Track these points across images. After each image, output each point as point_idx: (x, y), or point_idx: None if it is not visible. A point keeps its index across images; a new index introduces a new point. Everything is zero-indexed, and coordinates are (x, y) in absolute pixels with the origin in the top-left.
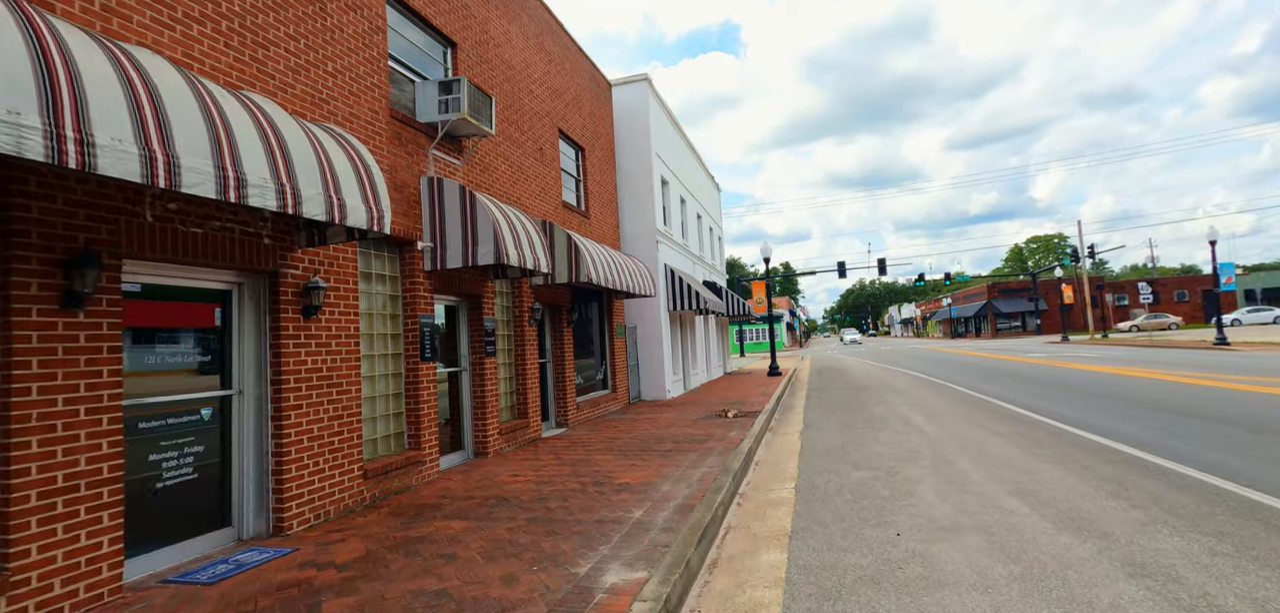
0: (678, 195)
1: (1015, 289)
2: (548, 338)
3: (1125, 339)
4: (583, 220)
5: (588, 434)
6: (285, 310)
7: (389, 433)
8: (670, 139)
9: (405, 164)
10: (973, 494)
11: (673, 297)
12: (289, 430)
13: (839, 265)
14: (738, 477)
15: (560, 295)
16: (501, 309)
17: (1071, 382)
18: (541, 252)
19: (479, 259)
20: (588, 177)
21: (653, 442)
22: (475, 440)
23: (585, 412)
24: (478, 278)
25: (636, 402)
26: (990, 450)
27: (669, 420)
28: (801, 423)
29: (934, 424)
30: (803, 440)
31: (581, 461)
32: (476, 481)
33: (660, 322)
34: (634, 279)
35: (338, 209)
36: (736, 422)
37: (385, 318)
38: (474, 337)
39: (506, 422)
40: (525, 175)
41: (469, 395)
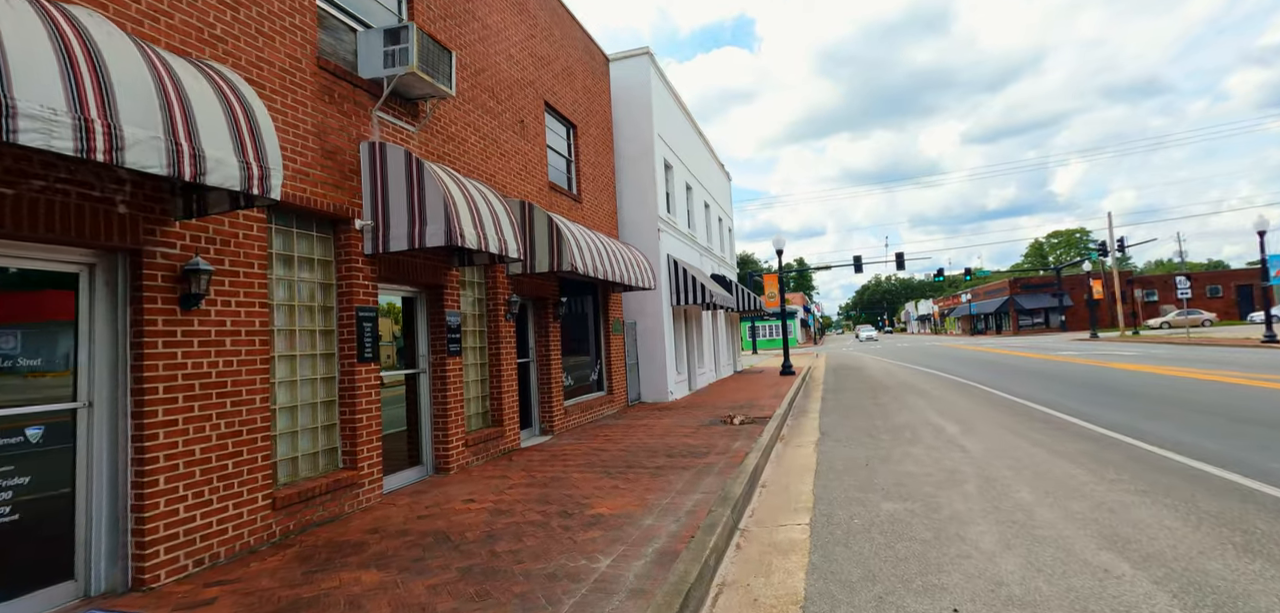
0: (683, 181)
1: (1038, 285)
2: (531, 334)
3: (1159, 336)
4: (574, 205)
5: (573, 444)
6: (153, 299)
7: (315, 450)
8: (675, 120)
9: (339, 126)
10: (1046, 542)
11: (676, 290)
12: (157, 453)
13: (855, 260)
14: (739, 506)
15: (545, 287)
16: (472, 302)
17: (1118, 384)
18: (511, 235)
19: (427, 240)
20: (580, 157)
21: (644, 455)
22: (436, 454)
23: (575, 417)
24: (437, 264)
25: (635, 405)
26: (1050, 473)
27: (667, 428)
28: (817, 432)
29: (972, 436)
30: (818, 455)
31: (555, 480)
32: (424, 507)
33: (662, 317)
34: (631, 270)
35: (189, 162)
36: (742, 430)
37: (313, 311)
38: (434, 333)
39: (476, 431)
40: (502, 150)
41: (428, 402)
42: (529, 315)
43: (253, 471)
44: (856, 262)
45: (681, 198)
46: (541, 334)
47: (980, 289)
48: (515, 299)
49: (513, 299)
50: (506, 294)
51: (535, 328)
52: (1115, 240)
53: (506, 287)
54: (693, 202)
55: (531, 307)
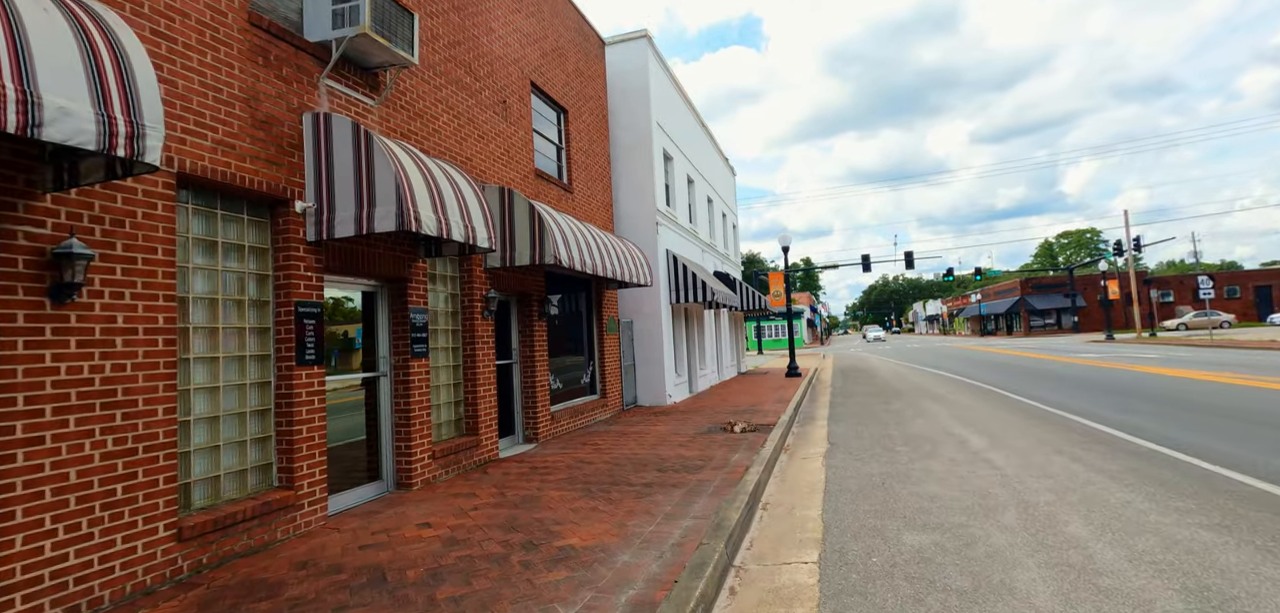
0: (684, 174)
1: (1050, 285)
2: (514, 334)
3: (1177, 338)
4: (564, 194)
5: (557, 454)
6: (10, 290)
7: (243, 467)
8: (675, 109)
9: (276, 93)
10: (1118, 598)
11: (676, 287)
12: (13, 480)
13: (863, 259)
14: (735, 536)
15: (529, 282)
16: (444, 298)
17: (1150, 389)
18: (481, 222)
19: (376, 224)
20: (571, 144)
21: (632, 469)
22: (397, 468)
23: (563, 423)
24: (400, 255)
25: (631, 409)
26: (1102, 499)
27: (661, 436)
28: (825, 442)
29: (1001, 450)
30: (828, 470)
31: (528, 500)
32: (371, 533)
33: (660, 316)
34: (625, 265)
35: (13, 109)
36: (744, 439)
37: (243, 305)
38: (397, 332)
39: (446, 441)
40: (480, 132)
41: (389, 409)
42: (512, 313)
43: (151, 495)
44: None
45: (682, 191)
46: (526, 334)
47: (990, 289)
48: (494, 295)
49: (491, 295)
50: (484, 290)
51: (519, 327)
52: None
53: (484, 281)
54: (695, 195)
55: (515, 304)
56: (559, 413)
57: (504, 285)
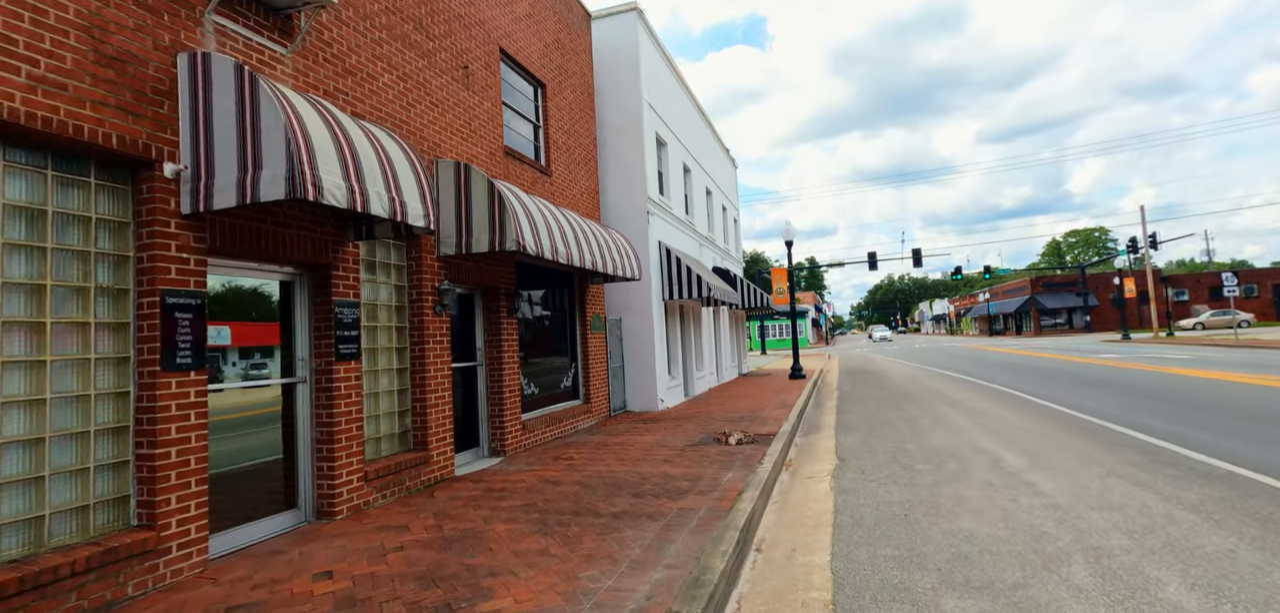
0: (679, 162)
1: (1061, 283)
2: (479, 333)
3: (1197, 337)
4: (540, 177)
5: (521, 472)
6: None
7: (85, 502)
8: (669, 91)
9: (136, 24)
10: None
11: (669, 282)
12: None
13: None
14: (718, 597)
15: (496, 273)
16: (389, 290)
17: (1194, 395)
18: (415, 196)
19: (260, 191)
20: (549, 123)
21: (603, 493)
22: (318, 493)
23: (538, 432)
24: (323, 236)
25: (618, 415)
26: (1200, 548)
27: (646, 448)
28: (833, 457)
29: (1044, 470)
30: (836, 495)
31: (467, 538)
32: (253, 586)
33: (651, 313)
34: (609, 256)
35: None
36: (739, 453)
37: (85, 295)
38: (320, 329)
39: (385, 459)
40: (433, 99)
41: (309, 422)
42: (477, 309)
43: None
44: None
45: (677, 180)
46: (492, 332)
47: (999, 288)
48: (449, 288)
49: (445, 287)
50: (436, 280)
51: (485, 325)
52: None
53: (437, 271)
54: (692, 185)
55: (480, 299)
56: (533, 422)
57: (465, 277)
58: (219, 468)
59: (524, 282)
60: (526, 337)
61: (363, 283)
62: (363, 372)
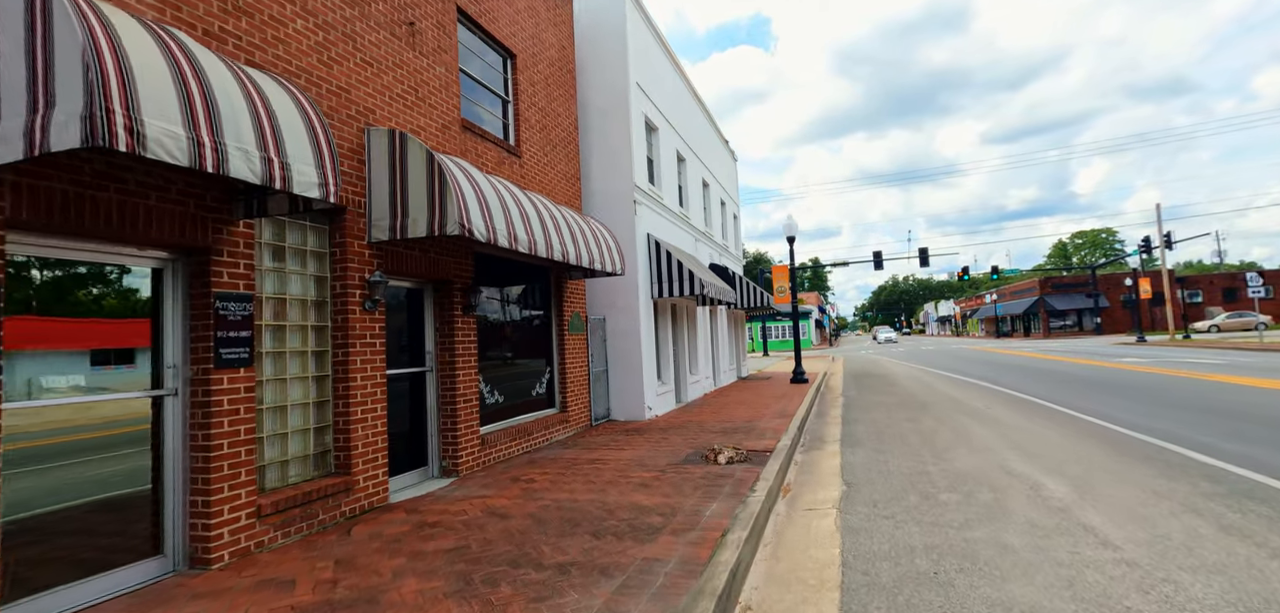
0: (672, 149)
1: (1070, 285)
2: (429, 333)
3: (1214, 340)
4: (507, 158)
5: (467, 500)
6: None
7: None
8: (661, 72)
9: None
10: None
11: (658, 278)
12: None
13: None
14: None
15: (449, 265)
16: (303, 281)
17: (1246, 407)
18: (308, 159)
19: (50, 138)
20: (520, 98)
21: (554, 534)
22: (190, 535)
23: (501, 447)
24: (199, 212)
25: (600, 424)
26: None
27: (622, 467)
28: (839, 481)
29: (1099, 505)
30: (844, 536)
31: (361, 602)
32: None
33: (638, 312)
34: (585, 247)
35: None
36: (729, 475)
37: None
38: (197, 329)
39: (292, 487)
40: (366, 56)
41: (179, 445)
42: (426, 307)
43: None
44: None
45: (670, 168)
46: (445, 333)
47: (1006, 289)
48: (381, 280)
49: (377, 280)
50: (366, 271)
51: (436, 324)
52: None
53: (368, 261)
54: (686, 176)
55: (430, 295)
56: (496, 435)
57: (410, 268)
58: (62, 502)
59: (487, 275)
60: (491, 338)
61: (265, 273)
62: (263, 381)
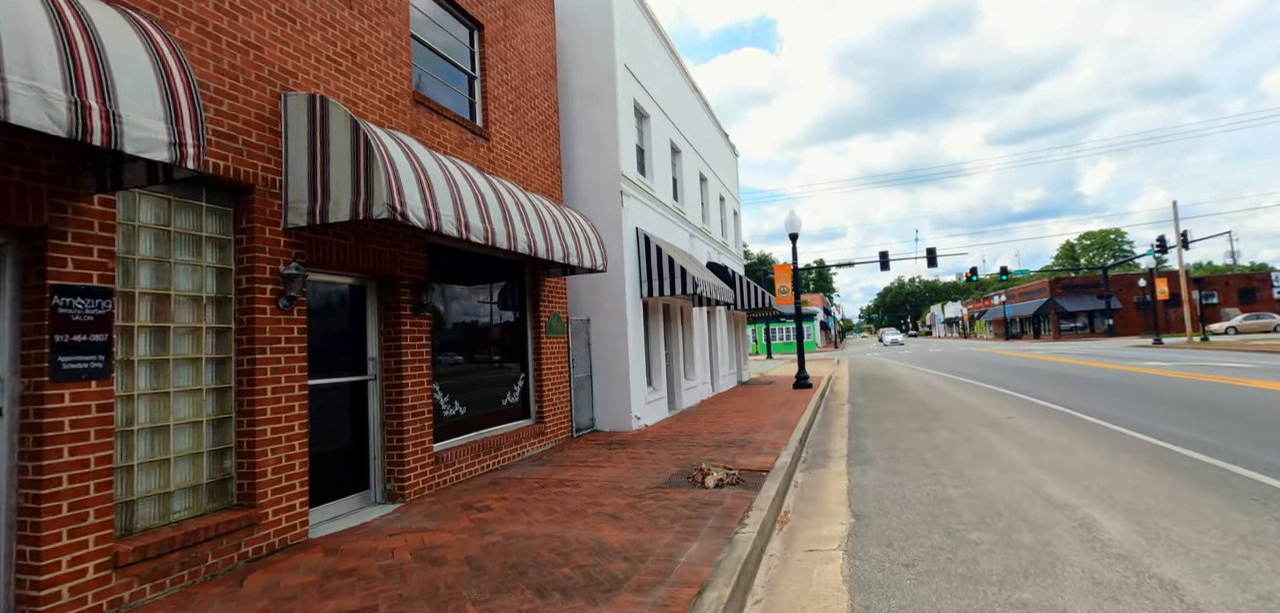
0: (665, 139)
1: (1082, 286)
2: (372, 337)
3: (1235, 342)
4: (471, 139)
5: (401, 536)
6: None
7: None
8: (652, 55)
9: None
10: None
11: (648, 276)
12: None
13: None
14: None
15: (394, 258)
16: (199, 275)
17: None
18: (150, 112)
19: None
20: (488, 73)
21: (491, 586)
22: (14, 593)
23: (462, 465)
24: (24, 183)
25: (584, 436)
26: None
27: (593, 493)
28: (846, 511)
29: (1174, 553)
30: (853, 592)
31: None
32: None
33: (625, 312)
34: (559, 239)
35: None
36: (716, 502)
37: None
38: (26, 332)
39: (173, 524)
40: (286, 8)
41: (3, 481)
42: (370, 306)
43: None
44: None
45: (663, 159)
46: (391, 336)
47: (1015, 291)
48: (298, 272)
49: (293, 272)
50: (281, 262)
51: (381, 326)
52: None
53: (283, 250)
54: (682, 168)
55: (375, 292)
56: (455, 451)
57: (344, 261)
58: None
59: (446, 270)
60: (453, 341)
61: (140, 263)
62: (136, 395)
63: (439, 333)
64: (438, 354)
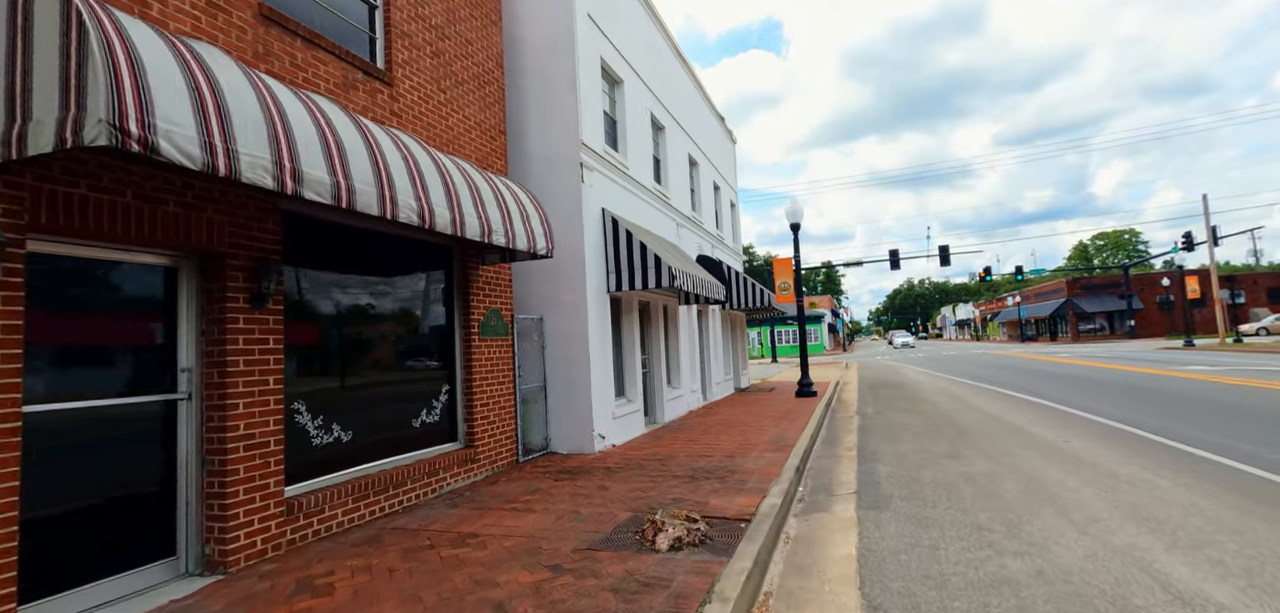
0: (644, 110)
1: (1101, 285)
2: (187, 338)
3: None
4: (365, 84)
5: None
6: None
7: None
8: (628, 12)
9: None
10: None
11: (616, 267)
12: None
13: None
14: None
15: (223, 227)
16: None
17: None
18: None
19: None
20: (390, 4)
21: None
22: None
23: (334, 514)
24: None
25: (532, 461)
26: None
27: (494, 560)
28: (855, 590)
29: None
30: None
31: None
32: None
33: (586, 309)
34: (479, 213)
35: None
36: (664, 579)
37: None
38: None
39: None
40: None
41: None
42: (181, 295)
43: None
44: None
45: (641, 134)
46: (215, 337)
47: (1031, 291)
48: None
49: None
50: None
51: (201, 323)
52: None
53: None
54: (666, 148)
55: (192, 275)
56: (323, 494)
57: (128, 230)
58: None
59: (328, 252)
60: (340, 345)
61: None
62: None
63: (317, 334)
64: (310, 362)
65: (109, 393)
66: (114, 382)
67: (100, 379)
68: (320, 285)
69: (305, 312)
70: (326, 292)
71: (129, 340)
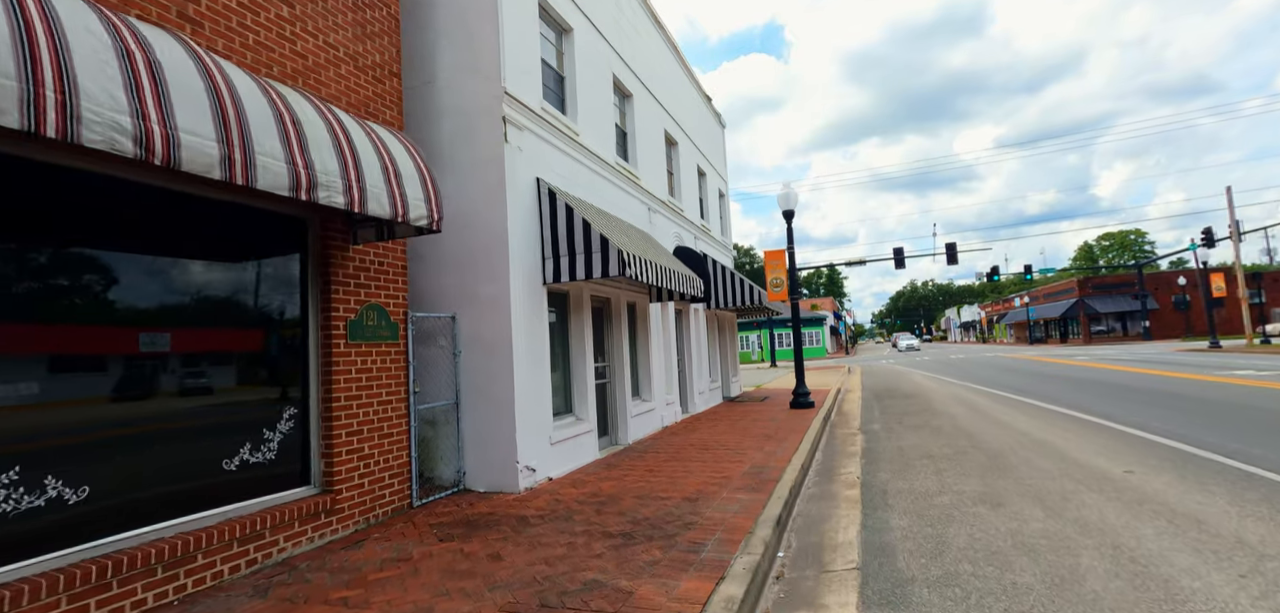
0: (605, 70)
1: (1114, 285)
2: None
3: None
4: None
5: None
6: None
7: None
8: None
9: None
10: None
11: (555, 251)
12: None
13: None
14: None
15: None
16: None
17: None
18: None
19: None
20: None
21: None
22: None
23: None
24: None
25: (434, 503)
26: None
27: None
28: None
29: None
30: None
31: None
32: None
33: (509, 305)
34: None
35: None
36: None
37: None
38: None
39: None
40: None
41: None
42: None
43: None
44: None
45: (599, 96)
46: None
47: (1039, 292)
48: None
49: None
50: None
51: None
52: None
53: None
54: (634, 119)
55: None
56: (31, 586)
57: None
58: None
59: (72, 215)
60: (86, 354)
61: None
62: None
63: (31, 339)
64: (14, 383)
65: None
66: None
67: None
68: (51, 265)
69: (15, 308)
70: (66, 270)
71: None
